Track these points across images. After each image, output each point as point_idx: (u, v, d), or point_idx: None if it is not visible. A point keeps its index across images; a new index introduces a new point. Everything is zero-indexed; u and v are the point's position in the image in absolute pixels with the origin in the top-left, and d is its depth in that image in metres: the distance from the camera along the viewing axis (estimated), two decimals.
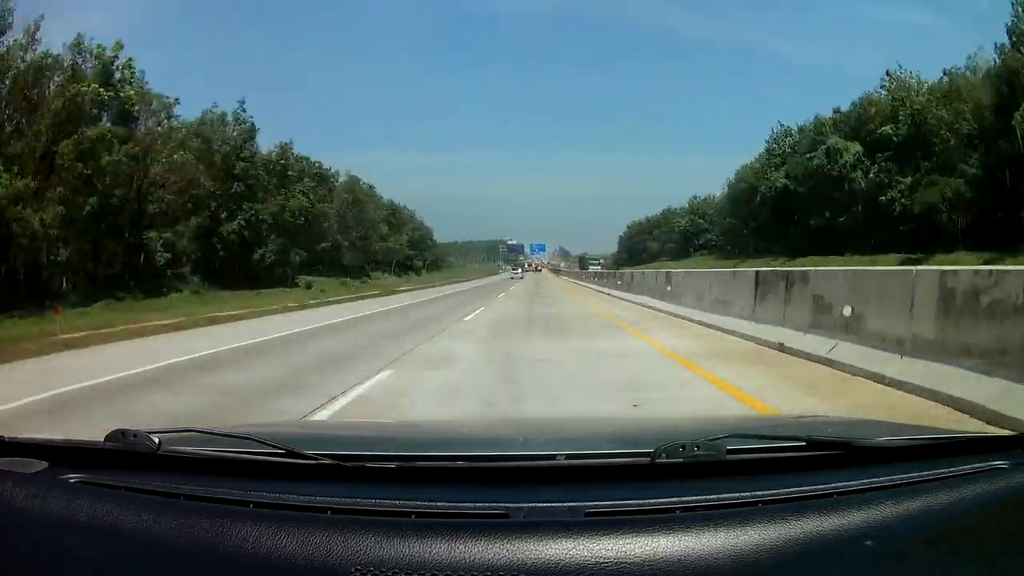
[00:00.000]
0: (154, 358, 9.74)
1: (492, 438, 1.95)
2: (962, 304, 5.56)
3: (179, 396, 6.93)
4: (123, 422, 1.52)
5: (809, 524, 1.05)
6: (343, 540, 1.02)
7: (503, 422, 3.63)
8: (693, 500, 1.14)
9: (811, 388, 6.45)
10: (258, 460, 1.33)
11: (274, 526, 1.06)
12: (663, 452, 1.23)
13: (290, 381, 7.76)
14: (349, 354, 10.15)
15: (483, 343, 11.17)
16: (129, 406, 6.46)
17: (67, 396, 7.06)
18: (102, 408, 6.37)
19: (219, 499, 1.18)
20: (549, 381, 7.16)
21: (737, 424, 2.15)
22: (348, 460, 1.28)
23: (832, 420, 2.37)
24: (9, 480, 1.21)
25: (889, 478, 1.24)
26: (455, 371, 8.09)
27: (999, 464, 1.32)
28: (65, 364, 9.94)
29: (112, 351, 11.52)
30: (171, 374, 8.53)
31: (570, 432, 2.09)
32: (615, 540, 1.01)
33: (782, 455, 1.33)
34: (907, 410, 5.19)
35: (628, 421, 3.63)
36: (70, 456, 1.36)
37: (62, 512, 1.14)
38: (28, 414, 6.15)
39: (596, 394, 6.42)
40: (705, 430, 1.58)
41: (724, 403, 5.95)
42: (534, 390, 6.72)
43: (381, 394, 6.82)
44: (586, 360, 8.69)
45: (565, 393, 6.44)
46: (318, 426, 2.81)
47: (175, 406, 6.41)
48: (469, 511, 1.13)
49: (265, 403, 6.47)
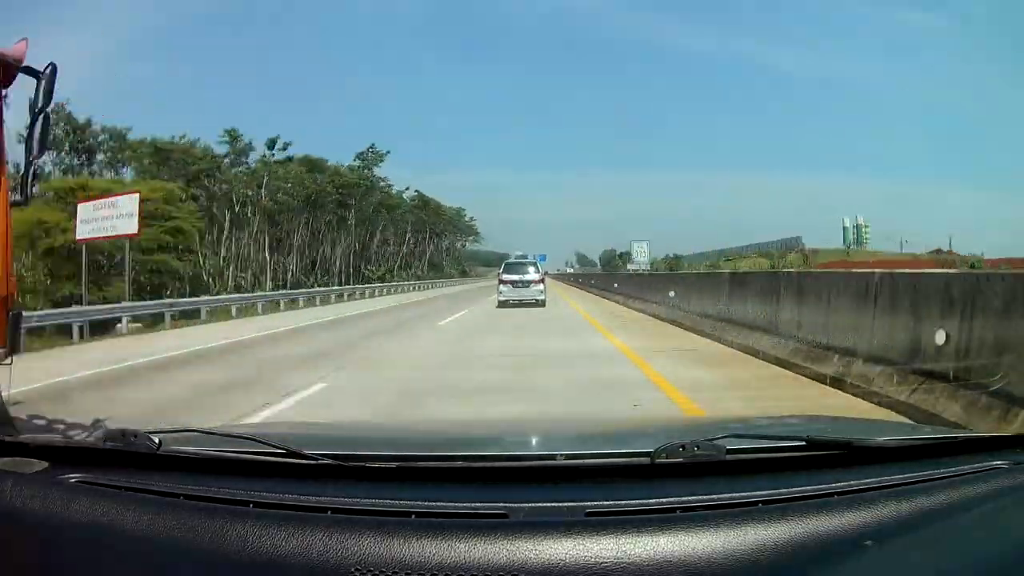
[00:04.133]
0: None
1: (492, 438, 1.95)
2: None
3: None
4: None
5: (809, 524, 1.05)
6: (343, 540, 1.02)
7: (503, 422, 3.63)
8: (693, 500, 1.14)
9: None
10: (258, 460, 1.33)
11: (274, 526, 1.06)
12: (663, 452, 1.23)
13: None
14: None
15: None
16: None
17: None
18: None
19: (219, 499, 1.18)
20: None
21: (737, 424, 2.15)
22: (348, 460, 1.28)
23: (832, 420, 2.37)
24: (9, 480, 1.21)
25: (889, 478, 1.24)
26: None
27: (999, 464, 1.32)
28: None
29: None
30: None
31: (570, 432, 2.09)
32: (615, 540, 1.01)
33: (782, 455, 1.33)
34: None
35: (628, 421, 3.63)
36: (70, 456, 1.36)
37: (62, 512, 1.13)
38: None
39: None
40: (705, 430, 1.58)
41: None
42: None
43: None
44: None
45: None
46: (318, 426, 2.81)
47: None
48: (469, 511, 1.13)
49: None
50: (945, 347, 5.15)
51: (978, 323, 4.89)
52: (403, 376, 7.96)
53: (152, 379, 8.49)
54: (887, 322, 6.15)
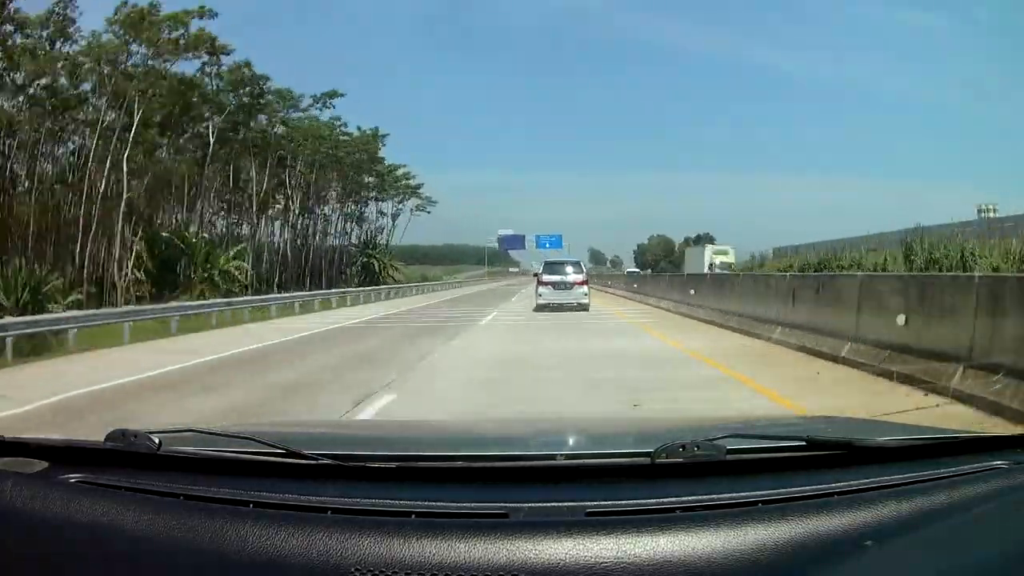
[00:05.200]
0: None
1: (492, 438, 1.95)
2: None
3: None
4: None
5: (809, 524, 1.05)
6: (343, 540, 1.02)
7: (503, 422, 3.64)
8: (693, 500, 1.14)
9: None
10: (258, 460, 1.33)
11: (274, 526, 1.06)
12: (663, 452, 1.23)
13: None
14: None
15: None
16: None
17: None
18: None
19: (219, 499, 1.18)
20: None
21: (737, 424, 2.15)
22: (348, 460, 1.28)
23: (832, 420, 2.37)
24: (9, 480, 1.21)
25: (889, 478, 1.24)
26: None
27: (999, 464, 1.32)
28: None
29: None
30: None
31: (570, 432, 2.09)
32: (615, 540, 1.01)
33: (782, 455, 1.33)
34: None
35: (628, 421, 3.63)
36: (70, 456, 1.36)
37: (62, 512, 1.13)
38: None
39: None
40: (705, 430, 1.58)
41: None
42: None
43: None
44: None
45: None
46: (318, 426, 2.81)
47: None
48: (469, 511, 1.13)
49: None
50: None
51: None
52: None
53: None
54: None
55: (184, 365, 10.21)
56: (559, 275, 20.63)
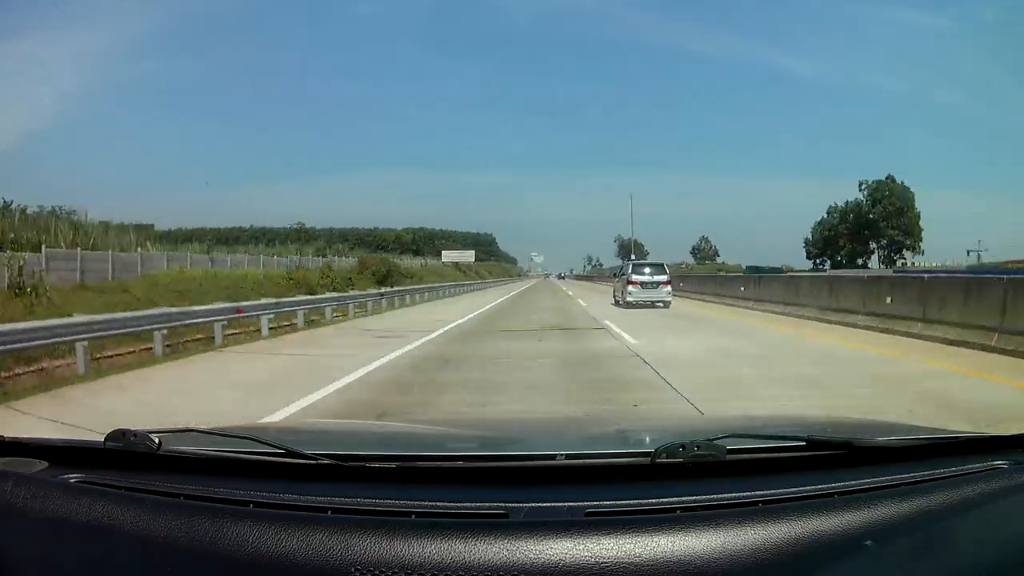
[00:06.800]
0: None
1: (492, 438, 1.95)
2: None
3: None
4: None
5: (809, 524, 1.05)
6: (343, 540, 1.02)
7: (503, 422, 3.63)
8: (693, 500, 1.14)
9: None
10: (258, 460, 1.33)
11: (274, 526, 1.06)
12: (663, 452, 1.23)
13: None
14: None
15: None
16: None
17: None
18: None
19: (219, 499, 1.18)
20: None
21: (737, 424, 2.15)
22: (348, 460, 1.28)
23: (832, 420, 2.37)
24: (9, 480, 1.21)
25: (889, 478, 1.24)
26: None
27: (999, 464, 1.32)
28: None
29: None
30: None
31: (570, 432, 2.09)
32: (615, 540, 1.01)
33: (782, 455, 1.33)
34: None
35: (628, 421, 3.63)
36: (70, 456, 1.36)
37: (62, 512, 1.13)
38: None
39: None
40: (705, 430, 1.58)
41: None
42: None
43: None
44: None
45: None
46: (318, 426, 2.81)
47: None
48: (469, 511, 1.12)
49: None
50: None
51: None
52: None
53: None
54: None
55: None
56: (647, 275, 22.06)
